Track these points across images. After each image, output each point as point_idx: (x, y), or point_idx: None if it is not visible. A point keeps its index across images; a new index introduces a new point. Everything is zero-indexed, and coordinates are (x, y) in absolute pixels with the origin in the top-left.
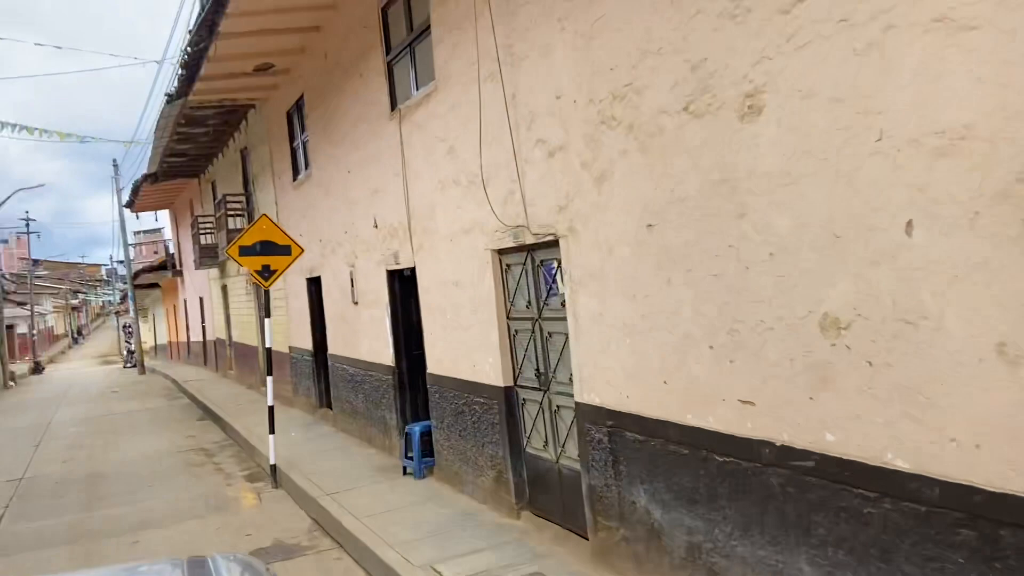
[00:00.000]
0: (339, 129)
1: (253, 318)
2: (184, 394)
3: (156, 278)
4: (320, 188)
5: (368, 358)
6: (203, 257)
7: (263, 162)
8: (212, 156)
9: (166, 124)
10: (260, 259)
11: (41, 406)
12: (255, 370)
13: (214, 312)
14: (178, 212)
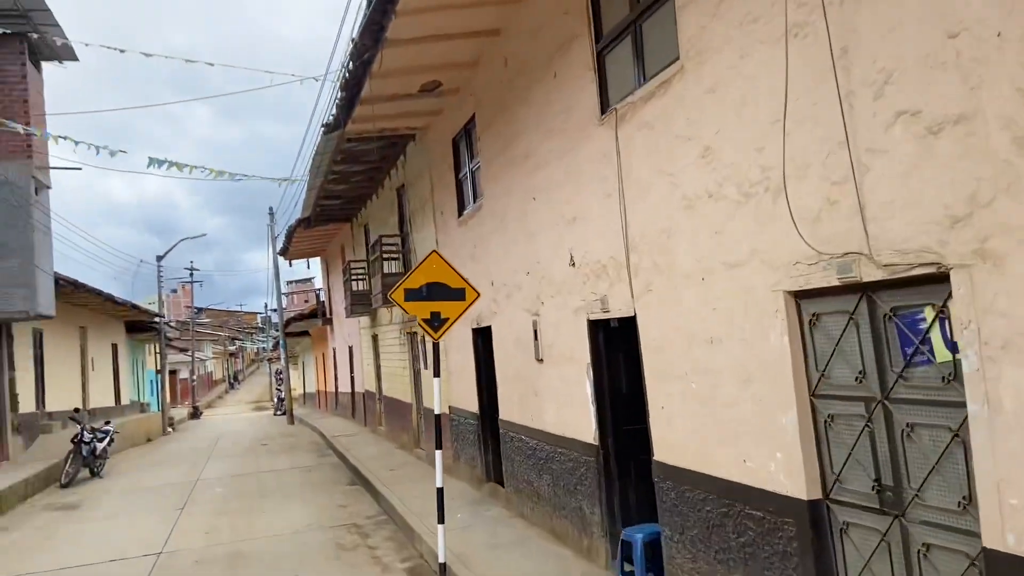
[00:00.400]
0: (520, 148)
1: (406, 372)
2: (333, 451)
3: (306, 326)
4: (493, 221)
5: (557, 430)
6: (354, 304)
7: (422, 198)
8: (366, 197)
9: (321, 161)
10: (428, 305)
11: (192, 457)
12: (407, 428)
13: (364, 363)
14: (329, 259)
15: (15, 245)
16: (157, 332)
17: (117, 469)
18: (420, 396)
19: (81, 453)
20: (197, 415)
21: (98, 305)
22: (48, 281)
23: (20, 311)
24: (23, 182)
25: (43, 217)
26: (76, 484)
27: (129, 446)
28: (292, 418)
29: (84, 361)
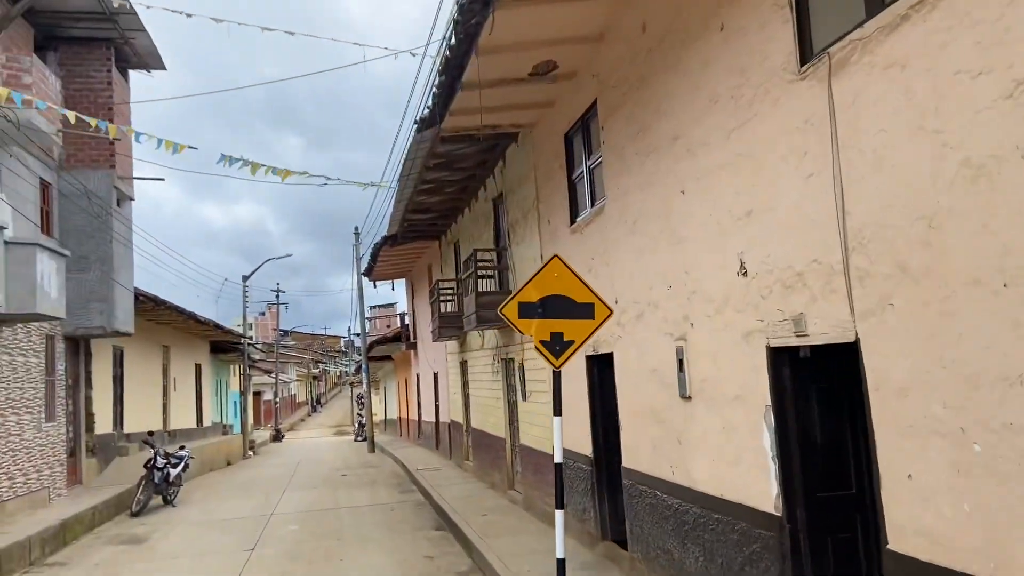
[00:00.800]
0: (664, 131)
1: (499, 403)
2: (416, 487)
3: (389, 350)
4: (620, 226)
5: (712, 490)
6: (442, 328)
7: (524, 207)
8: (457, 212)
9: (411, 167)
10: (548, 324)
11: (269, 486)
12: (499, 466)
13: (450, 391)
14: (415, 280)
15: (94, 257)
16: (241, 353)
17: (191, 497)
18: (516, 431)
19: (153, 480)
20: (279, 438)
21: (181, 324)
22: (127, 296)
23: (97, 327)
24: (104, 192)
25: (124, 230)
26: (147, 512)
27: (208, 470)
28: (373, 446)
29: (166, 381)
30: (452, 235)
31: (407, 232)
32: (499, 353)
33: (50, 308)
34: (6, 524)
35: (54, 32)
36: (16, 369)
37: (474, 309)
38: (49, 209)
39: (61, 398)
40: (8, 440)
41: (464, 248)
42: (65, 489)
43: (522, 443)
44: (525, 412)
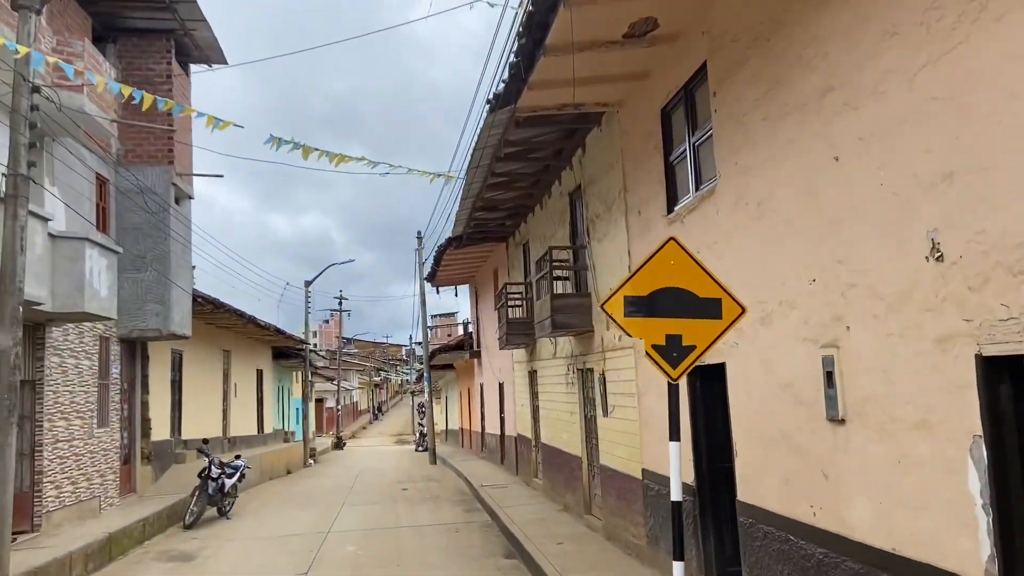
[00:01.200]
0: (809, 85)
1: (574, 418)
2: (482, 505)
3: (452, 359)
4: (738, 211)
5: (882, 542)
6: (510, 335)
7: (608, 198)
8: (527, 210)
9: (482, 155)
10: (663, 324)
11: (327, 499)
12: (574, 487)
13: (517, 403)
14: (479, 286)
15: (151, 257)
16: (303, 359)
17: (247, 508)
18: (594, 450)
19: (207, 491)
20: (341, 445)
21: (241, 328)
22: (185, 298)
23: (152, 328)
24: (162, 189)
25: (182, 229)
26: (200, 525)
27: (267, 479)
28: (434, 458)
29: (226, 386)
30: (521, 236)
31: (473, 233)
32: (574, 362)
33: (99, 307)
34: (50, 536)
35: (113, 23)
36: (67, 372)
37: (548, 314)
38: (105, 206)
39: (115, 403)
40: (55, 447)
41: (534, 249)
42: (118, 498)
43: (602, 463)
44: (606, 429)
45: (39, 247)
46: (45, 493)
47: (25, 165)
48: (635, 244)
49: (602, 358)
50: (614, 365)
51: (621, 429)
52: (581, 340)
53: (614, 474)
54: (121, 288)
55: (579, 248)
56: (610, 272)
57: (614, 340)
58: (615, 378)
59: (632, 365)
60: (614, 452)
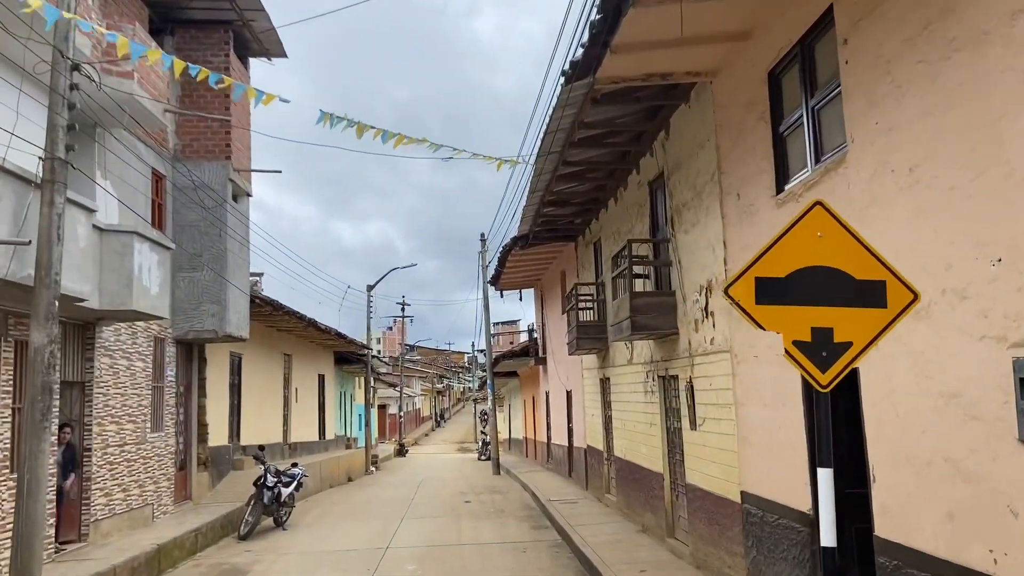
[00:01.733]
0: (987, 11)
1: (654, 430)
2: (551, 523)
3: (516, 366)
4: (879, 180)
5: None
6: (580, 339)
7: (698, 183)
8: (599, 204)
9: (554, 140)
10: (807, 313)
11: (387, 510)
12: (654, 506)
13: (586, 412)
14: (545, 290)
15: (207, 256)
16: (365, 364)
17: (304, 519)
18: (679, 467)
19: (262, 500)
20: (403, 452)
21: (302, 331)
22: (242, 299)
23: (208, 330)
24: (219, 185)
25: (240, 227)
26: (255, 536)
27: (327, 486)
28: (498, 468)
29: (287, 391)
30: (592, 233)
31: (540, 232)
32: (655, 369)
33: (149, 306)
34: (97, 547)
35: (171, 14)
36: (118, 374)
37: (627, 314)
38: (162, 202)
39: (170, 407)
40: (105, 452)
41: (607, 247)
42: (172, 506)
43: (689, 482)
44: (694, 444)
45: (82, 239)
46: (94, 501)
47: (63, 148)
48: (733, 232)
49: (689, 364)
50: (704, 372)
51: (714, 445)
52: (663, 344)
53: (704, 495)
54: (176, 288)
55: (661, 242)
56: (698, 267)
57: (704, 343)
58: (705, 386)
59: (728, 372)
60: (704, 470)
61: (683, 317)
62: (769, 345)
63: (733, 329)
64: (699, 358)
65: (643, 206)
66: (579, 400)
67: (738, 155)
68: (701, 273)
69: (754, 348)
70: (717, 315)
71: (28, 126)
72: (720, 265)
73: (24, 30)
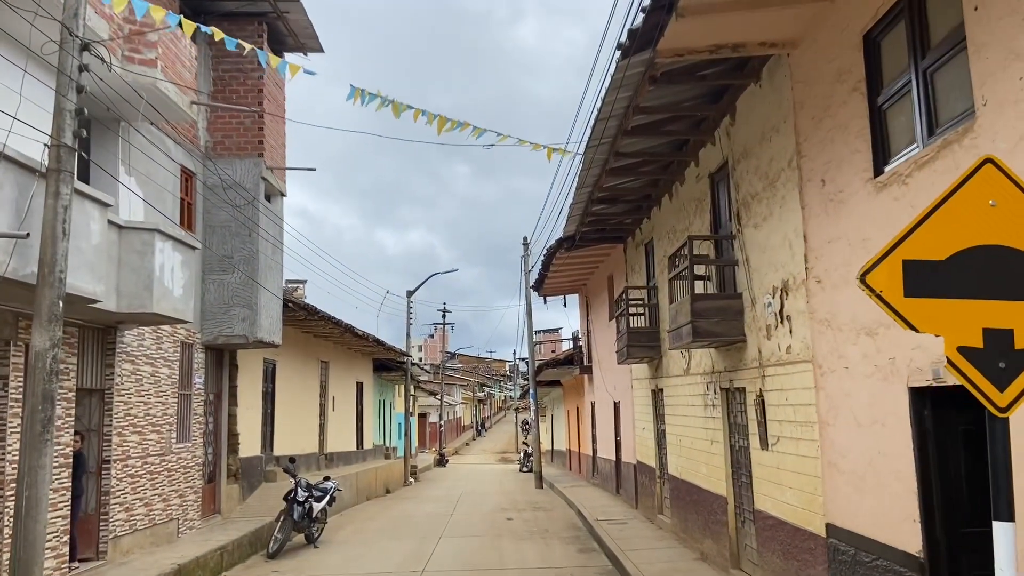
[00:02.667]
0: None
1: (717, 448)
2: (599, 546)
3: (559, 375)
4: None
5: None
6: (631, 346)
7: (771, 171)
8: (652, 202)
9: (606, 126)
10: (975, 309)
11: (424, 528)
12: (716, 533)
13: (636, 426)
14: (590, 296)
15: (238, 257)
16: (405, 372)
17: (337, 535)
18: (746, 490)
19: (292, 515)
20: (443, 463)
21: (338, 337)
22: (274, 303)
23: (238, 335)
24: (251, 183)
25: (273, 228)
26: (284, 554)
27: (364, 499)
28: (540, 481)
29: (323, 399)
30: (643, 234)
31: (588, 232)
32: (717, 380)
33: (171, 308)
34: (115, 566)
35: (203, 7)
36: (141, 380)
37: (687, 319)
38: (191, 201)
39: (198, 415)
40: (126, 464)
41: (660, 248)
42: (199, 520)
43: (759, 508)
44: (765, 466)
45: (96, 235)
46: (113, 516)
47: (70, 135)
48: (815, 225)
49: (759, 375)
50: (779, 384)
51: (791, 468)
52: (728, 353)
53: (777, 524)
54: (206, 291)
55: (724, 239)
56: (770, 265)
57: (778, 352)
58: (780, 401)
59: (809, 384)
60: (778, 496)
61: (751, 322)
62: (864, 354)
63: (816, 335)
64: (772, 368)
65: (702, 201)
66: (628, 412)
67: (823, 136)
68: (774, 273)
69: (844, 358)
70: (795, 320)
71: (38, 113)
72: (799, 263)
73: (30, 4)
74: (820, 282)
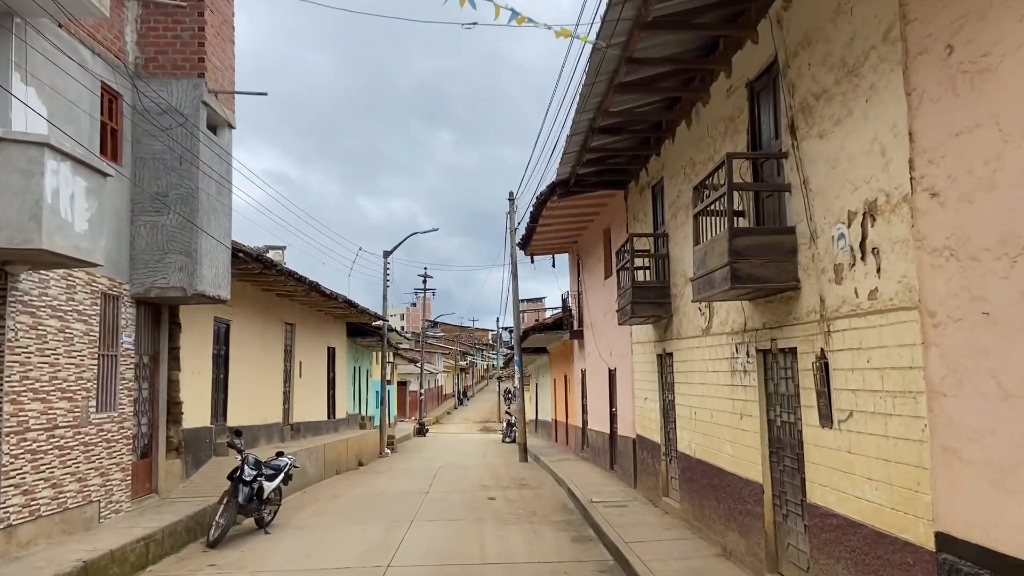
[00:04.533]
0: None
1: (749, 424)
2: (595, 533)
3: (546, 340)
4: None
5: None
6: (636, 303)
7: (849, 56)
8: (665, 134)
9: (614, 28)
10: None
11: (395, 508)
12: (744, 525)
13: (637, 395)
14: (582, 254)
15: (174, 196)
16: (381, 337)
17: (294, 518)
18: (790, 476)
19: (237, 498)
20: (423, 432)
21: (304, 297)
22: (220, 251)
23: (175, 287)
24: (189, 108)
25: (220, 165)
26: (228, 542)
27: (333, 472)
28: (525, 454)
29: (289, 365)
30: (649, 175)
31: (585, 175)
32: (752, 340)
33: (71, 247)
34: (7, 562)
35: None
36: (45, 337)
37: (724, 260)
38: (116, 127)
39: (127, 381)
40: (25, 437)
41: (672, 188)
42: (128, 503)
43: (814, 502)
44: (826, 448)
45: None
46: (6, 501)
47: None
48: (931, 114)
49: (820, 331)
50: (854, 341)
51: (873, 453)
52: (768, 306)
53: (847, 526)
54: (136, 235)
55: (773, 157)
56: (845, 184)
57: (853, 299)
58: (855, 364)
59: (914, 340)
60: (848, 488)
61: (809, 264)
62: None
63: (926, 272)
64: (842, 322)
65: (735, 120)
66: (626, 380)
67: None
68: (850, 194)
69: (982, 300)
70: (886, 254)
71: None
72: (898, 172)
73: None
74: (937, 195)
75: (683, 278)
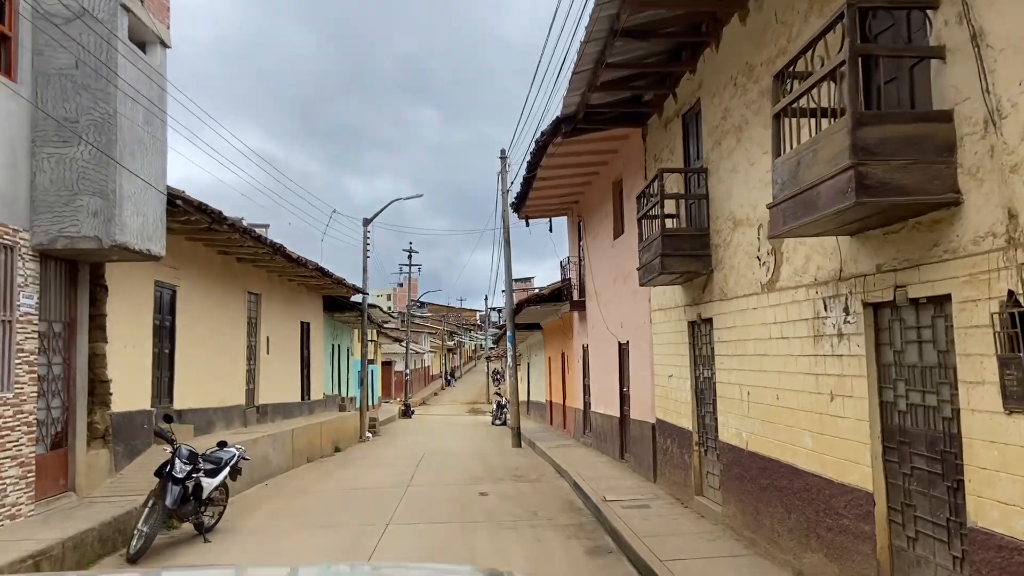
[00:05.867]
0: None
1: (850, 406)
2: (617, 544)
3: (542, 314)
4: None
5: None
6: (665, 255)
7: None
8: (704, 38)
9: None
10: None
11: (369, 506)
12: (833, 544)
13: (658, 372)
14: (584, 215)
15: (86, 121)
16: (361, 312)
17: (245, 522)
18: (927, 485)
19: (165, 500)
20: (408, 414)
21: (270, 263)
22: (151, 197)
23: (88, 236)
24: (106, 14)
25: (150, 89)
26: (154, 554)
27: (303, 461)
28: (519, 439)
29: (254, 340)
30: (680, 101)
31: (597, 109)
32: (853, 289)
33: None
34: None
35: None
36: None
37: (846, 162)
38: (10, 32)
39: (28, 353)
40: None
41: (716, 109)
42: (32, 505)
43: (981, 527)
44: (1014, 447)
45: None
46: None
47: None
48: None
49: (1009, 263)
50: None
51: None
52: (892, 236)
53: None
54: (38, 170)
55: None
56: None
57: None
58: None
59: None
60: None
61: (984, 161)
62: None
63: None
64: None
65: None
66: (642, 355)
67: None
68: None
69: None
70: None
71: None
72: None
73: None
74: None
75: (730, 221)
